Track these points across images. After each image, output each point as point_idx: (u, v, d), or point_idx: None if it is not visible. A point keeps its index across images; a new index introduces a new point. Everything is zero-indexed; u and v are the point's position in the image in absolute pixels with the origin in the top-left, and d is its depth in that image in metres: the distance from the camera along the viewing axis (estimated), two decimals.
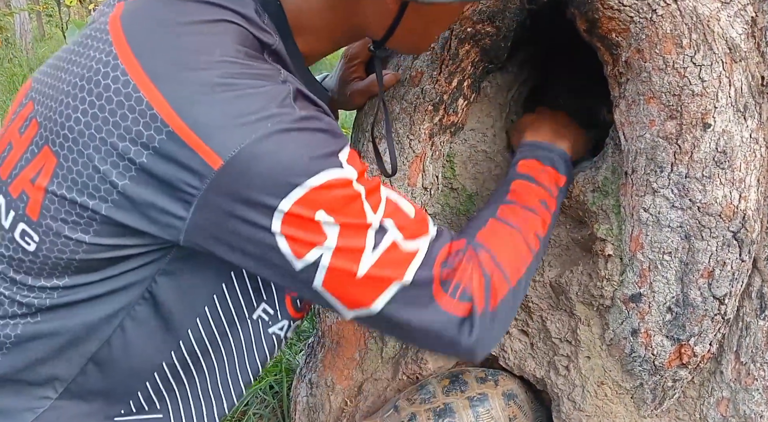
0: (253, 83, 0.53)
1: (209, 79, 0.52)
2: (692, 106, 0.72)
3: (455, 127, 1.00)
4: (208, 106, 0.51)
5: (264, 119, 0.52)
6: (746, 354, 0.82)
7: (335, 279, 0.56)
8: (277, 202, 0.52)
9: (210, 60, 0.53)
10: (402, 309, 0.59)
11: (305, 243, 0.54)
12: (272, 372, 1.34)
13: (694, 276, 0.78)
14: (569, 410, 0.88)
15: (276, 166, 0.51)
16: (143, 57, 0.53)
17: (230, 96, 0.52)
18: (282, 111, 0.53)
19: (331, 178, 0.54)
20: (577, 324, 0.89)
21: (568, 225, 0.94)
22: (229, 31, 0.56)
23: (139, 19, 0.57)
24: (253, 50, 0.57)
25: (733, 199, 0.74)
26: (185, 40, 0.54)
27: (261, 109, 0.52)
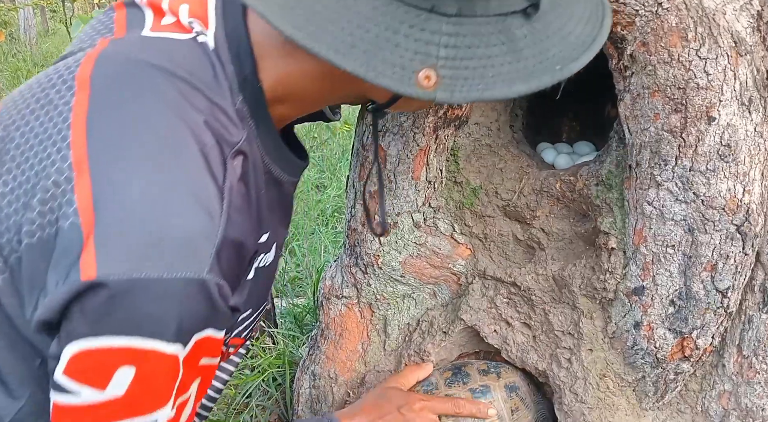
0: (177, 227, 0.49)
1: (139, 199, 0.48)
2: (697, 99, 0.72)
3: (460, 121, 1.00)
4: (123, 224, 0.48)
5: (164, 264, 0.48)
6: (748, 347, 0.82)
7: (77, 414, 0.50)
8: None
9: (152, 178, 0.50)
10: None
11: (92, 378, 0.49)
12: (275, 364, 1.35)
13: (697, 269, 0.78)
14: (571, 402, 0.88)
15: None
16: (94, 151, 0.50)
17: (151, 228, 0.48)
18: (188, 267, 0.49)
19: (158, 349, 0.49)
20: (580, 317, 0.90)
21: (571, 219, 0.94)
22: (188, 146, 0.52)
23: (107, 94, 0.53)
24: (212, 168, 0.53)
25: (737, 192, 0.74)
26: (142, 142, 0.51)
27: (171, 255, 0.48)
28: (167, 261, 0.48)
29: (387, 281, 1.07)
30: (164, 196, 0.49)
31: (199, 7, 0.61)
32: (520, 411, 0.95)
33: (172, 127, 0.52)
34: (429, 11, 0.48)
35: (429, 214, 1.04)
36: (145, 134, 0.51)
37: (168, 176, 0.50)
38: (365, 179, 0.96)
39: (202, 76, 0.56)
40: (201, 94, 0.55)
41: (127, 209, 0.48)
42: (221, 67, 0.57)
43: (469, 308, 1.02)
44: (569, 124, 1.21)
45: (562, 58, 0.51)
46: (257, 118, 0.59)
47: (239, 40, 0.58)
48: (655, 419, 0.87)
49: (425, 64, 0.48)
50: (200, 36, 0.58)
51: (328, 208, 2.84)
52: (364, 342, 1.12)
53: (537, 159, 1.06)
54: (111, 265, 0.46)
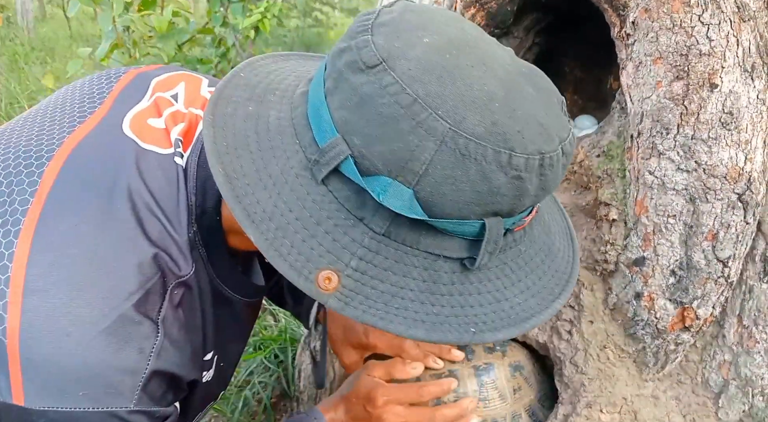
0: (103, 364, 0.49)
1: (67, 336, 0.48)
2: (699, 66, 0.72)
3: None
4: (50, 360, 0.48)
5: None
6: (749, 317, 0.82)
7: None
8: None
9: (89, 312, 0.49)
10: None
11: None
12: (277, 341, 1.35)
13: (698, 238, 0.78)
14: (571, 373, 0.89)
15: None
16: (31, 277, 0.49)
17: (77, 366, 0.48)
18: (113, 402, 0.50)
19: None
20: (581, 289, 0.90)
21: (572, 192, 0.94)
22: (128, 282, 0.51)
23: (58, 217, 0.52)
24: (148, 304, 0.52)
25: (739, 160, 0.74)
26: (81, 276, 0.50)
27: (96, 391, 0.49)
28: (92, 397, 0.49)
29: None
30: (93, 334, 0.49)
31: (189, 122, 0.60)
32: (523, 390, 0.95)
33: (115, 263, 0.51)
34: (359, 220, 0.46)
35: None
36: (84, 268, 0.50)
37: (100, 313, 0.50)
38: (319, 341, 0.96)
39: (165, 202, 0.55)
40: (158, 222, 0.54)
41: (55, 346, 0.48)
42: (185, 196, 0.57)
43: None
44: (571, 97, 1.20)
45: (482, 323, 0.48)
46: (210, 246, 0.59)
47: (208, 173, 0.57)
48: (655, 389, 0.88)
49: (332, 266, 0.45)
50: (177, 157, 0.57)
51: None
52: None
53: None
54: (37, 398, 0.48)
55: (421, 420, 0.83)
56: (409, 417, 0.82)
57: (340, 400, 0.84)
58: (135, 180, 0.54)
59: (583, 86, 1.20)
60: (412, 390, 0.85)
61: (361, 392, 0.84)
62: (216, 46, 2.48)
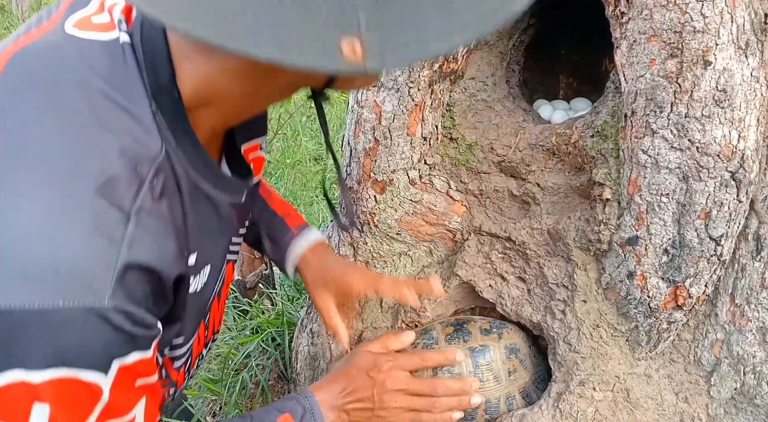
0: (69, 253, 0.45)
1: (27, 228, 0.45)
2: (693, 43, 0.72)
3: (455, 75, 0.99)
4: (10, 253, 0.44)
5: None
6: (741, 295, 0.83)
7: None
8: None
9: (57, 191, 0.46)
10: None
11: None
12: (274, 324, 1.36)
13: (691, 217, 0.78)
14: (564, 352, 0.90)
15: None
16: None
17: (40, 256, 0.44)
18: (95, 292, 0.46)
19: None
20: (574, 269, 0.90)
21: (566, 173, 0.94)
22: (88, 172, 0.48)
23: (7, 114, 0.48)
24: (116, 193, 0.49)
25: (732, 138, 0.74)
26: (37, 168, 0.47)
27: (64, 283, 0.45)
28: (61, 289, 0.44)
29: (383, 239, 1.08)
30: (55, 224, 0.45)
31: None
32: (518, 372, 0.96)
33: (73, 154, 0.48)
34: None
35: (425, 171, 1.03)
36: (40, 161, 0.47)
37: (61, 203, 0.46)
38: (322, 174, 0.93)
39: (116, 83, 0.51)
40: (116, 106, 0.51)
41: (14, 238, 0.44)
42: (137, 72, 0.52)
43: (464, 264, 1.03)
44: (566, 81, 1.20)
45: (499, 3, 0.44)
46: (176, 130, 0.54)
47: (154, 44, 0.53)
48: (648, 368, 0.88)
49: (347, 32, 0.40)
50: (122, 36, 0.53)
51: (326, 179, 2.84)
52: (361, 299, 1.13)
53: (533, 115, 1.05)
54: (3, 297, 0.43)
55: (423, 388, 0.84)
56: (410, 384, 0.84)
57: (334, 377, 0.85)
58: (82, 69, 0.51)
59: (579, 69, 1.19)
60: (414, 356, 0.88)
61: (362, 363, 0.85)
62: None
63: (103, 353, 0.48)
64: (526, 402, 0.94)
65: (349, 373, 0.84)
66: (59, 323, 0.44)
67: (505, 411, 0.93)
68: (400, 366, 0.85)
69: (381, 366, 0.84)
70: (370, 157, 1.02)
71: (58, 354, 0.45)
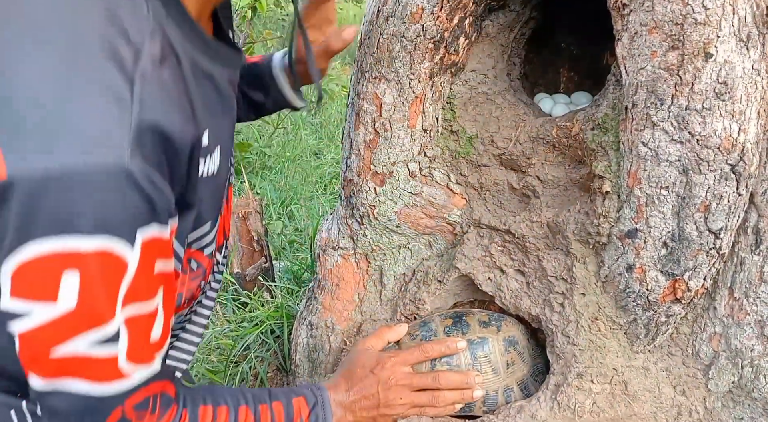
0: (82, 112, 0.45)
1: (36, 91, 0.44)
2: (695, 35, 0.71)
3: (456, 67, 0.99)
4: (23, 117, 0.44)
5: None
6: (740, 289, 0.83)
7: (39, 336, 0.48)
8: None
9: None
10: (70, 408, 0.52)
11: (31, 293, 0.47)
12: (273, 316, 1.36)
13: (691, 210, 0.78)
14: (563, 344, 0.90)
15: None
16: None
17: (54, 117, 0.44)
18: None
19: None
20: (573, 262, 0.90)
21: (567, 166, 0.94)
22: (86, 36, 0.48)
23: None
24: (117, 55, 0.48)
25: (733, 131, 0.74)
26: (36, 34, 0.47)
27: (81, 142, 0.44)
28: (79, 149, 0.44)
29: (383, 232, 1.08)
30: (62, 86, 0.45)
31: None
32: (516, 364, 0.96)
33: (68, 19, 0.48)
34: None
35: (425, 164, 1.03)
36: (38, 28, 0.47)
37: (64, 66, 0.46)
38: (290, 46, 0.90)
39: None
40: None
41: (24, 102, 0.44)
42: None
43: (463, 257, 1.03)
44: (567, 74, 1.20)
45: None
46: (167, 4, 0.53)
47: None
48: (646, 361, 0.88)
49: None
50: None
51: (327, 174, 2.84)
52: (360, 292, 1.13)
53: (534, 108, 1.05)
54: (20, 161, 0.42)
55: (426, 382, 0.85)
56: (414, 380, 0.84)
57: (340, 378, 0.85)
58: None
59: (580, 63, 1.19)
60: (416, 350, 0.89)
61: (366, 362, 0.85)
62: None
63: (128, 218, 0.47)
64: (524, 395, 0.95)
65: (354, 373, 0.85)
66: (79, 185, 0.44)
67: (503, 403, 0.93)
68: (403, 362, 0.86)
69: (384, 363, 0.84)
70: (370, 149, 1.02)
71: (79, 218, 0.44)
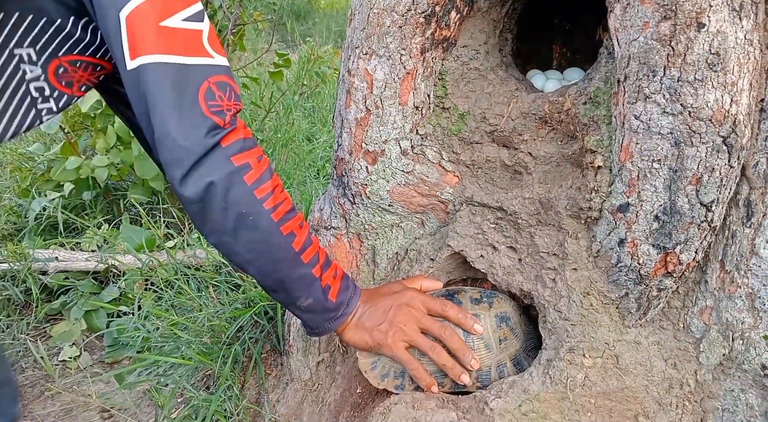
0: None
1: None
2: (687, 5, 0.71)
3: (447, 43, 0.98)
4: None
5: None
6: (731, 262, 0.83)
7: (140, 15, 0.65)
8: None
9: None
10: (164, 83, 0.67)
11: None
12: (267, 298, 1.36)
13: (683, 183, 0.78)
14: (555, 319, 0.90)
15: None
16: None
17: None
18: None
19: None
20: (565, 237, 0.90)
21: (559, 141, 0.93)
22: None
23: None
24: None
25: (725, 102, 0.73)
26: None
27: None
28: None
29: (375, 211, 1.07)
30: None
31: None
32: (509, 340, 0.97)
33: None
34: None
35: (417, 142, 1.03)
36: None
37: None
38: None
39: None
40: None
41: None
42: None
43: (456, 234, 1.02)
44: (559, 51, 1.19)
45: None
46: None
47: None
48: (637, 335, 0.89)
49: None
50: None
51: (320, 158, 2.82)
52: (353, 271, 1.13)
53: (526, 84, 1.04)
54: None
55: (433, 327, 0.91)
56: (424, 318, 0.91)
57: (367, 291, 0.94)
58: None
59: (572, 39, 1.18)
60: (438, 300, 0.94)
61: (394, 286, 0.95)
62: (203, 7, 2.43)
63: None
64: (518, 370, 0.95)
65: (380, 290, 0.94)
66: None
67: (496, 378, 0.94)
68: (423, 301, 0.92)
69: (407, 292, 0.92)
70: (361, 126, 1.01)
71: None
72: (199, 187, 0.69)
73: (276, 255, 0.77)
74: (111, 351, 1.63)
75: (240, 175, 0.71)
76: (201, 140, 0.68)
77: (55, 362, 1.65)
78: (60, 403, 1.49)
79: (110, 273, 1.80)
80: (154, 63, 0.66)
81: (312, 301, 0.83)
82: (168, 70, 0.66)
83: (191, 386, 1.30)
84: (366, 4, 0.94)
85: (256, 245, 0.75)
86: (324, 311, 0.85)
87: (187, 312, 1.47)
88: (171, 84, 0.66)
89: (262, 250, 0.75)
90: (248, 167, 0.72)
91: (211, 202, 0.70)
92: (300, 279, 0.80)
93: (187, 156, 0.68)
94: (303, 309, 0.84)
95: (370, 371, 0.97)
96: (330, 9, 6.82)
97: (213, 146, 0.69)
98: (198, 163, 0.68)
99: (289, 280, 0.79)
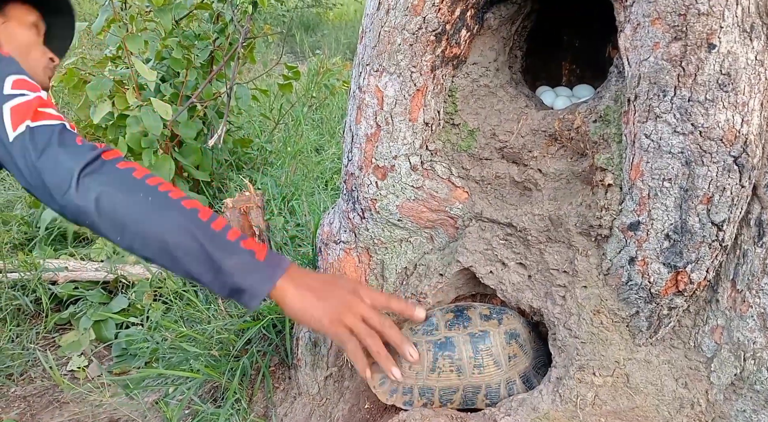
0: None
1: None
2: (698, 26, 0.71)
3: (458, 60, 0.99)
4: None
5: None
6: (742, 281, 0.82)
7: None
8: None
9: None
10: None
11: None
12: (275, 310, 1.36)
13: (694, 202, 0.78)
14: (564, 337, 0.90)
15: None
16: None
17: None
18: None
19: None
20: (575, 254, 0.90)
21: (569, 158, 0.94)
22: None
23: None
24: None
25: (736, 122, 0.73)
26: None
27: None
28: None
29: (384, 225, 1.08)
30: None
31: None
32: (518, 357, 0.96)
33: None
34: None
35: (426, 157, 1.03)
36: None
37: None
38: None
39: None
40: None
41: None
42: None
43: (465, 250, 1.03)
44: (569, 67, 1.19)
45: None
46: None
47: None
48: (648, 354, 0.88)
49: None
50: None
51: (328, 170, 2.83)
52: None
53: (536, 101, 1.04)
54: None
55: (375, 318, 0.86)
56: (367, 308, 0.86)
57: (311, 277, 0.87)
58: None
59: (582, 56, 1.19)
60: (383, 293, 0.93)
61: (343, 276, 0.95)
62: (213, 21, 2.46)
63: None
64: (527, 387, 0.95)
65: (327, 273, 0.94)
66: None
67: (505, 395, 0.93)
68: (370, 290, 0.89)
69: (355, 282, 0.91)
70: (371, 142, 1.02)
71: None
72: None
73: (180, 220, 0.78)
74: (119, 362, 1.64)
75: None
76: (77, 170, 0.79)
77: (63, 371, 1.66)
78: (68, 413, 1.50)
79: (119, 283, 1.81)
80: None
81: (237, 260, 0.78)
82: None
83: (199, 398, 1.30)
84: (377, 23, 0.95)
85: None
86: (254, 268, 0.79)
87: (195, 324, 1.47)
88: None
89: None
90: None
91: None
92: (216, 236, 0.78)
93: None
94: (228, 271, 0.78)
95: (379, 386, 0.97)
96: (339, 21, 6.88)
97: None
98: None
99: (203, 239, 0.77)
